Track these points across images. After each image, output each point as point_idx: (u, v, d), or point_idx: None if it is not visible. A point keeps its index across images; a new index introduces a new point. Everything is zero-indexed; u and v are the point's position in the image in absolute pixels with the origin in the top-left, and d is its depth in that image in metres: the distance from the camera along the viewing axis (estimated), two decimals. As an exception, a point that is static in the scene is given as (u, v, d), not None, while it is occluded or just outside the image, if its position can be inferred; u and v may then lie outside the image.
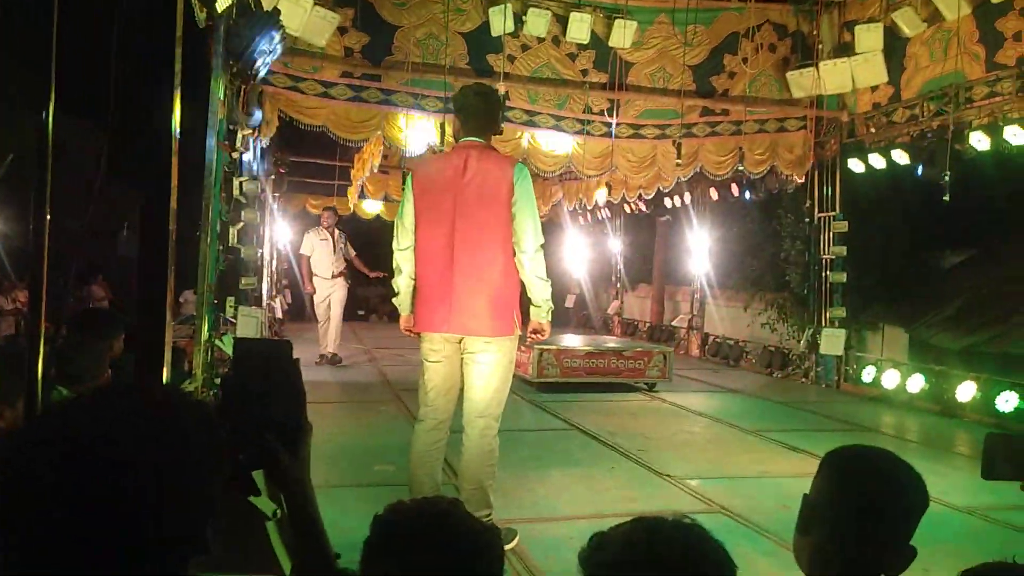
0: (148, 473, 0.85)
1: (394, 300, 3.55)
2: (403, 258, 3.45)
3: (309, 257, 8.89)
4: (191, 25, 4.04)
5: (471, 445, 3.35)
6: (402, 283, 3.49)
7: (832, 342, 8.02)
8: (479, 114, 3.39)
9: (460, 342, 3.37)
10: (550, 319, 3.49)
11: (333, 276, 8.91)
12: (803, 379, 8.63)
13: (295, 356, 1.25)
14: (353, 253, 9.34)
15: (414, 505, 1.15)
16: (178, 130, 2.55)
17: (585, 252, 14.28)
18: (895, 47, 7.20)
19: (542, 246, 3.38)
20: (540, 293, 3.41)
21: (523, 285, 3.43)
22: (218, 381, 4.84)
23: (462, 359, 3.39)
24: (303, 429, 1.22)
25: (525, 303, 3.46)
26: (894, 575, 1.24)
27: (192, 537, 0.90)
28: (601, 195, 10.83)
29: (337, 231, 9.09)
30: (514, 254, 3.35)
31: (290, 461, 1.18)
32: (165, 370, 2.42)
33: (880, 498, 1.24)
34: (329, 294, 8.88)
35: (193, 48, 4.29)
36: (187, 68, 3.57)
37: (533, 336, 3.53)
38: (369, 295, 14.47)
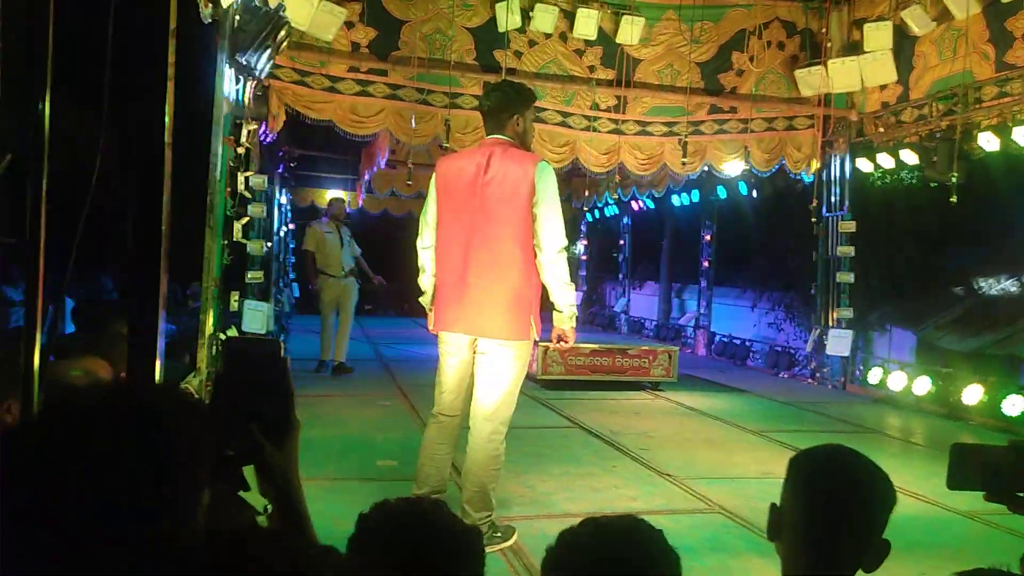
0: (141, 474, 0.86)
1: (420, 300, 3.51)
2: (426, 256, 3.43)
3: (313, 253, 7.83)
4: (196, 19, 4.07)
5: (477, 447, 3.30)
6: (426, 282, 3.46)
7: (839, 343, 7.98)
8: (498, 110, 3.33)
9: (474, 342, 3.32)
10: (575, 325, 3.36)
11: (345, 275, 7.82)
12: (809, 380, 8.58)
13: (284, 355, 1.28)
14: (358, 251, 8.18)
15: (398, 505, 1.16)
16: (170, 122, 2.58)
17: (593, 249, 14.29)
18: (904, 46, 7.15)
19: (565, 248, 3.25)
20: (562, 298, 3.28)
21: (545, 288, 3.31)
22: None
23: (474, 359, 3.35)
24: (290, 424, 1.24)
25: (548, 307, 3.33)
26: (870, 570, 1.24)
27: (180, 536, 0.91)
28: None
29: (344, 225, 8.01)
30: (535, 256, 3.26)
31: (275, 454, 1.19)
32: (158, 364, 2.43)
33: (842, 496, 1.23)
34: (338, 294, 7.80)
35: (198, 42, 4.31)
36: (191, 62, 3.58)
37: (558, 345, 3.40)
38: (376, 288, 14.38)
